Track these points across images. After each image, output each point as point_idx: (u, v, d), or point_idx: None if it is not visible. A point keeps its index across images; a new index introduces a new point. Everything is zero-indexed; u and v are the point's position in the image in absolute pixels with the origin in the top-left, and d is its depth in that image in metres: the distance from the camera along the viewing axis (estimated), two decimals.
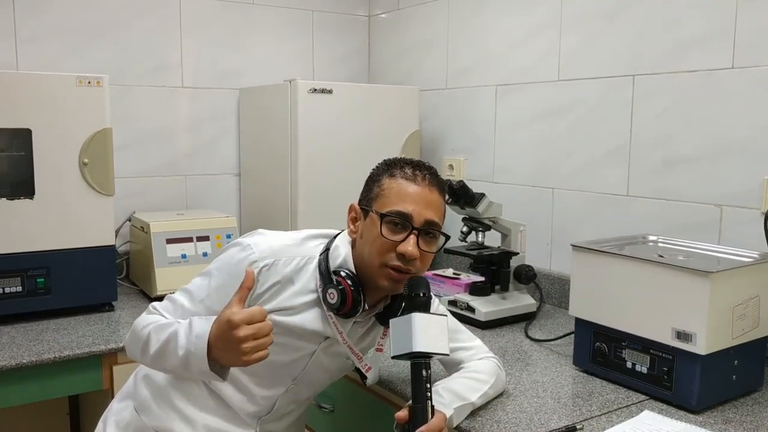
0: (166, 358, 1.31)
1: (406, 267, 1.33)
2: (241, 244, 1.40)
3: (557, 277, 2.30)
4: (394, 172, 1.38)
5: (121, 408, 1.50)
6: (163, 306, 1.43)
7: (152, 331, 1.35)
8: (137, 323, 1.41)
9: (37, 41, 2.42)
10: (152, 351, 1.33)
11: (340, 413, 1.86)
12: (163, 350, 1.31)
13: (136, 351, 1.39)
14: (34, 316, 2.07)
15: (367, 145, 2.51)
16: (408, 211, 1.33)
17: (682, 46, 1.93)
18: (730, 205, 1.84)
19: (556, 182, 2.33)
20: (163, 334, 1.33)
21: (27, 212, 2.01)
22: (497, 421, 1.40)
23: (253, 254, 1.36)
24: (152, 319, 1.39)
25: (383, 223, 1.33)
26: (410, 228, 1.33)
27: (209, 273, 1.42)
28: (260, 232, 1.44)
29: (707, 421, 1.42)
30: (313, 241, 1.44)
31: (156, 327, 1.35)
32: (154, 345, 1.33)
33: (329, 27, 3.07)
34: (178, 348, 1.28)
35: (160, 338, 1.32)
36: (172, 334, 1.30)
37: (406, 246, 1.32)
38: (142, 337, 1.36)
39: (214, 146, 2.82)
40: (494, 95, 2.55)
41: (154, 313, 1.42)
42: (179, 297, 1.42)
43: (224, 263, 1.41)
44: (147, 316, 1.41)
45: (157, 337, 1.33)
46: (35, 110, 2.00)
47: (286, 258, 1.39)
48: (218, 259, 1.44)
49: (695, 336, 1.43)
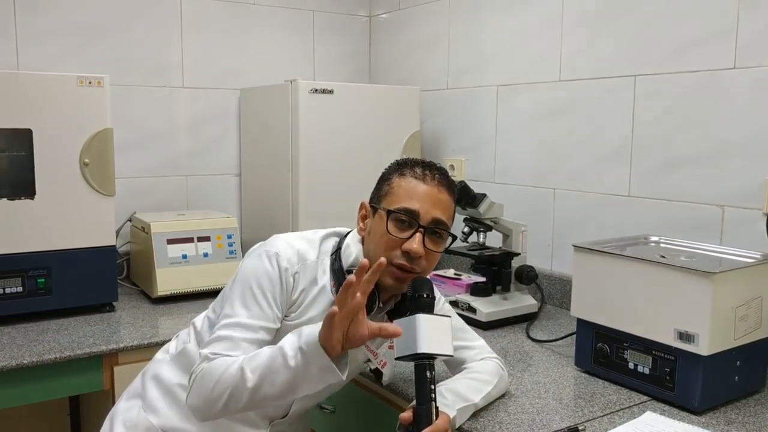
0: (271, 379, 1.21)
1: (410, 265, 1.33)
2: (265, 254, 1.37)
3: (558, 278, 2.30)
4: (404, 171, 1.39)
5: (129, 407, 1.50)
6: (223, 348, 1.30)
7: (243, 365, 1.23)
8: (206, 375, 1.26)
9: (38, 41, 2.42)
10: (251, 384, 1.22)
11: (342, 414, 1.85)
12: (266, 374, 1.21)
13: (219, 401, 1.24)
14: (35, 316, 2.07)
15: (367, 146, 2.50)
16: (415, 208, 1.33)
17: (684, 46, 1.93)
18: (732, 205, 1.84)
19: (557, 182, 2.33)
20: (257, 362, 1.23)
21: (27, 212, 2.01)
22: (499, 422, 1.40)
23: (283, 262, 1.35)
24: (224, 363, 1.26)
25: (390, 219, 1.34)
26: (417, 226, 1.33)
27: (252, 296, 1.34)
28: (277, 237, 1.42)
29: (709, 422, 1.42)
30: (329, 241, 1.45)
31: (245, 360, 1.24)
32: (251, 377, 1.22)
33: (330, 27, 3.06)
34: (288, 360, 1.20)
35: (257, 366, 1.22)
36: (273, 353, 1.22)
37: (412, 243, 1.32)
38: (228, 379, 1.23)
39: (215, 146, 2.82)
40: (495, 95, 2.54)
41: (216, 358, 1.28)
42: (234, 333, 1.31)
43: (260, 278, 1.34)
44: (213, 364, 1.27)
45: (252, 366, 1.23)
46: (36, 110, 1.99)
47: (311, 261, 1.39)
48: (249, 278, 1.35)
49: (697, 337, 1.43)
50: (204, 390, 1.26)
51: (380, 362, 1.45)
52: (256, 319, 1.33)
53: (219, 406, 1.25)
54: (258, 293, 1.34)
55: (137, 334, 1.96)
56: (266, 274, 1.35)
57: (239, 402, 1.24)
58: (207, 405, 1.26)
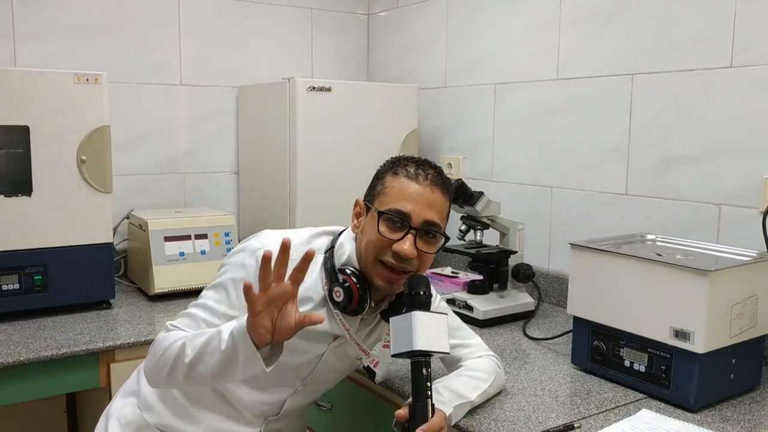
0: (205, 360, 1.24)
1: (400, 265, 1.32)
2: (248, 249, 1.37)
3: (555, 276, 2.30)
4: (397, 170, 1.37)
5: (124, 405, 1.50)
6: (183, 323, 1.36)
7: (186, 342, 1.27)
8: (158, 343, 1.33)
9: (35, 38, 2.42)
10: (188, 360, 1.25)
11: (338, 412, 1.86)
12: (202, 353, 1.24)
13: (163, 370, 1.30)
14: (32, 313, 2.06)
15: (365, 144, 2.50)
16: (407, 210, 1.32)
17: (681, 45, 1.93)
18: (728, 204, 1.84)
19: (554, 181, 2.33)
20: (198, 340, 1.26)
21: (25, 209, 2.01)
22: (495, 420, 1.40)
23: (259, 252, 1.33)
24: (175, 336, 1.32)
25: (381, 220, 1.33)
26: (408, 227, 1.33)
27: (223, 285, 1.36)
28: (265, 233, 1.41)
29: (705, 420, 1.43)
30: (319, 239, 1.44)
31: (189, 338, 1.28)
32: (190, 353, 1.26)
33: (328, 25, 3.06)
34: (221, 343, 1.21)
35: (197, 344, 1.26)
36: (212, 336, 1.25)
37: (402, 245, 1.31)
38: (172, 351, 1.28)
39: (213, 144, 2.81)
40: (493, 94, 2.55)
41: (173, 330, 1.35)
42: (198, 312, 1.36)
43: (235, 269, 1.36)
44: (167, 334, 1.34)
45: (193, 344, 1.26)
46: (33, 107, 1.99)
47: (295, 257, 1.38)
48: (227, 268, 1.38)
49: (693, 335, 1.43)
50: (154, 357, 1.33)
51: (372, 361, 1.45)
52: (220, 305, 1.35)
53: (163, 375, 1.31)
54: (229, 283, 1.36)
55: (134, 332, 1.96)
56: (242, 267, 1.35)
57: (178, 375, 1.29)
58: (154, 372, 1.34)
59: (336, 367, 1.48)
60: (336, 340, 1.42)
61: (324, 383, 1.51)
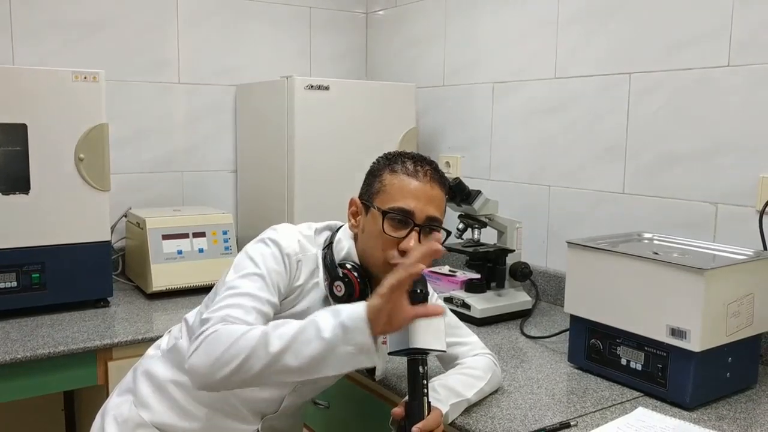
0: (297, 349, 1.14)
1: None
2: (269, 240, 1.36)
3: (553, 275, 2.30)
4: (395, 167, 1.38)
5: (120, 402, 1.50)
6: (239, 313, 1.24)
7: (268, 331, 1.17)
8: (218, 337, 1.18)
9: (33, 36, 2.41)
10: (274, 350, 1.14)
11: (335, 410, 1.86)
12: (292, 343, 1.14)
13: (230, 363, 1.16)
14: (29, 311, 2.06)
15: (363, 142, 2.50)
16: (410, 207, 1.33)
17: (679, 44, 1.93)
18: (725, 202, 1.85)
19: (552, 180, 2.34)
20: (284, 329, 1.17)
21: (22, 207, 2.01)
22: (491, 417, 1.41)
23: (287, 248, 1.35)
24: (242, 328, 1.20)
25: (385, 219, 1.34)
26: (412, 225, 1.33)
27: (261, 275, 1.30)
28: (277, 226, 1.41)
29: (701, 418, 1.43)
30: (322, 234, 1.46)
31: (270, 327, 1.19)
32: (276, 343, 1.15)
33: (327, 23, 3.06)
34: (321, 332, 1.13)
35: (284, 333, 1.16)
36: (304, 325, 1.16)
37: (408, 243, 1.32)
38: (248, 342, 1.16)
39: (211, 142, 2.81)
40: (491, 92, 2.55)
41: (235, 323, 1.22)
42: (244, 301, 1.26)
43: (267, 260, 1.33)
44: (228, 327, 1.20)
45: (278, 333, 1.16)
46: (31, 105, 1.99)
47: (312, 252, 1.40)
48: (255, 259, 1.33)
49: (689, 333, 1.44)
50: (214, 351, 1.17)
51: None
52: (263, 292, 1.29)
53: (226, 371, 1.16)
54: (263, 270, 1.31)
55: (132, 330, 1.97)
56: (270, 255, 1.34)
57: (251, 369, 1.16)
58: (213, 367, 1.17)
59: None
60: None
61: (322, 381, 1.51)
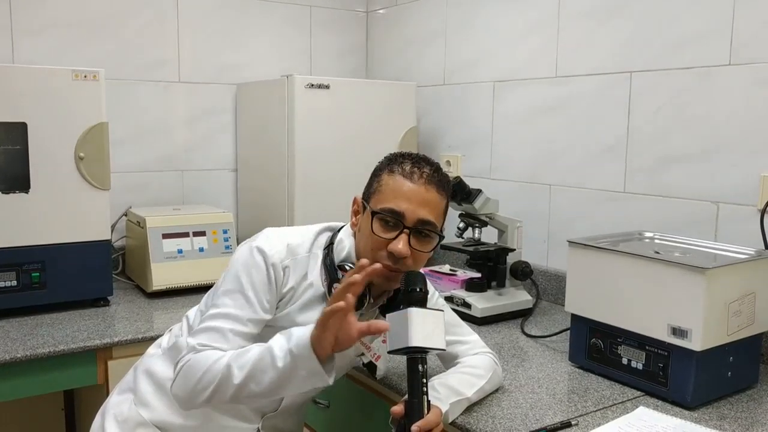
0: (258, 378, 1.22)
1: (395, 266, 1.33)
2: (256, 248, 1.36)
3: (554, 274, 2.30)
4: (393, 168, 1.37)
5: (120, 401, 1.50)
6: (211, 338, 1.30)
7: (231, 362, 1.24)
8: (192, 366, 1.27)
9: (33, 35, 2.41)
10: (237, 381, 1.23)
11: (335, 409, 1.86)
12: (253, 372, 1.23)
13: (203, 392, 1.26)
14: (29, 310, 2.06)
15: (364, 141, 2.50)
16: (401, 209, 1.32)
17: (679, 42, 1.93)
18: (726, 201, 1.84)
19: (553, 179, 2.33)
20: (245, 359, 1.24)
21: (22, 206, 2.01)
22: (492, 417, 1.40)
23: (273, 258, 1.34)
24: (212, 356, 1.27)
25: (375, 219, 1.33)
26: (402, 227, 1.32)
27: (241, 291, 1.33)
28: (268, 230, 1.41)
29: (702, 418, 1.42)
30: (323, 236, 1.45)
31: (232, 357, 1.25)
32: (238, 374, 1.23)
33: (327, 22, 3.06)
34: (276, 360, 1.21)
35: (244, 363, 1.23)
36: (262, 353, 1.23)
37: (396, 245, 1.31)
38: (215, 373, 1.24)
39: (211, 141, 2.81)
40: (492, 91, 2.54)
41: (204, 350, 1.29)
42: (221, 324, 1.31)
43: (249, 272, 1.34)
44: (199, 355, 1.28)
45: (239, 363, 1.24)
46: (31, 104, 1.99)
47: (302, 255, 1.39)
48: (239, 273, 1.35)
49: (691, 332, 1.43)
50: (189, 381, 1.27)
51: (374, 356, 1.45)
52: (243, 311, 1.33)
53: (203, 398, 1.27)
54: (246, 286, 1.34)
55: (132, 329, 1.96)
56: (255, 267, 1.34)
57: (224, 396, 1.26)
58: (191, 396, 1.28)
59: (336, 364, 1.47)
60: None
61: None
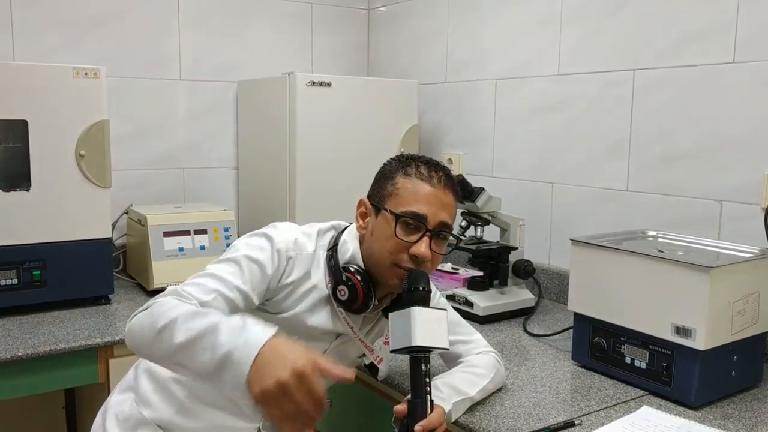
0: (194, 353, 1.08)
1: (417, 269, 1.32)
2: (261, 235, 1.35)
3: (556, 272, 2.29)
4: (409, 171, 1.36)
5: (121, 400, 1.49)
6: (194, 291, 1.23)
7: (181, 316, 1.12)
8: (159, 305, 1.17)
9: (34, 32, 2.40)
10: (177, 340, 1.09)
11: (337, 408, 1.84)
12: (193, 343, 1.08)
13: (148, 336, 1.15)
14: (30, 308, 2.06)
15: (365, 139, 2.49)
16: (423, 212, 1.32)
17: (683, 40, 1.92)
18: (729, 200, 1.83)
19: (555, 177, 2.32)
20: (196, 322, 1.10)
21: (23, 204, 2.00)
22: (495, 416, 1.40)
23: (279, 244, 1.33)
24: (179, 304, 1.17)
25: (398, 223, 1.32)
26: (424, 230, 1.32)
27: (237, 260, 1.29)
28: (275, 225, 1.40)
29: (706, 417, 1.42)
30: (327, 235, 1.44)
31: (187, 313, 1.13)
32: (182, 334, 1.10)
33: (328, 20, 3.05)
34: (216, 346, 1.05)
35: (191, 327, 1.09)
36: (211, 326, 1.08)
37: (419, 248, 1.31)
38: (164, 319, 1.13)
39: (212, 139, 2.80)
40: (494, 89, 2.53)
41: (182, 298, 1.21)
42: (209, 282, 1.25)
43: (251, 249, 1.31)
44: (171, 299, 1.19)
45: (187, 325, 1.10)
46: (31, 101, 1.98)
47: (307, 252, 1.38)
48: (239, 247, 1.32)
49: (694, 331, 1.42)
50: (147, 317, 1.18)
51: (377, 358, 1.45)
52: (234, 278, 1.27)
53: (146, 342, 1.16)
54: (243, 260, 1.30)
55: None
56: (258, 247, 1.32)
57: (158, 350, 1.14)
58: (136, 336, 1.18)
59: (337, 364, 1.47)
60: (338, 338, 1.43)
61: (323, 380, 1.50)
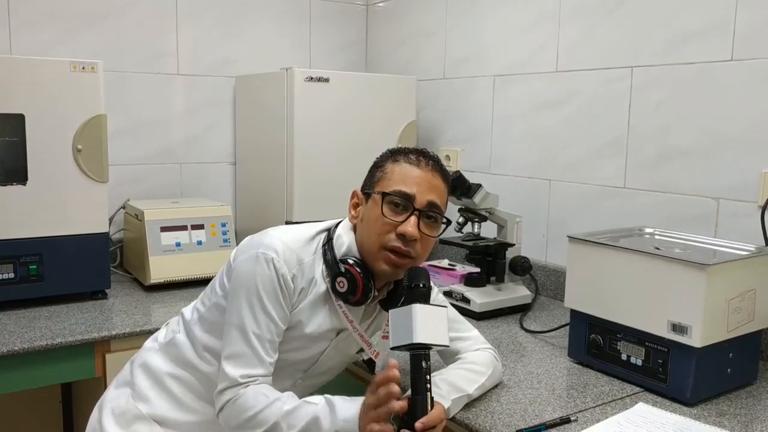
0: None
1: (405, 248, 1.32)
2: (263, 258, 1.33)
3: (553, 269, 2.30)
4: (398, 158, 1.39)
5: (117, 395, 1.49)
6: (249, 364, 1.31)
7: (281, 420, 1.25)
8: (243, 403, 1.28)
9: (31, 26, 2.39)
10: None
11: None
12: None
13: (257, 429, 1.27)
14: (27, 303, 2.05)
15: (363, 135, 2.49)
16: (411, 191, 1.33)
17: (681, 38, 1.92)
18: (726, 198, 1.84)
19: (553, 174, 2.33)
20: (295, 419, 1.24)
21: (20, 198, 1.99)
22: (491, 412, 1.40)
23: (282, 267, 1.32)
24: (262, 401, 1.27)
25: (384, 202, 1.33)
26: (411, 209, 1.32)
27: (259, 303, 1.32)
28: (272, 236, 1.37)
29: (701, 414, 1.43)
30: (321, 236, 1.44)
31: (284, 413, 1.25)
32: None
33: (327, 16, 3.04)
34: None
35: (293, 424, 1.24)
36: (311, 421, 1.23)
37: (407, 226, 1.32)
38: (265, 421, 1.26)
39: (210, 134, 2.80)
40: (492, 86, 2.53)
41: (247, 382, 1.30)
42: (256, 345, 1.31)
43: (263, 282, 1.32)
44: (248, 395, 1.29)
45: (289, 422, 1.24)
46: (29, 95, 1.97)
47: (307, 261, 1.38)
48: (247, 282, 1.33)
49: (690, 329, 1.43)
50: (239, 417, 1.28)
51: (373, 352, 1.45)
52: (266, 325, 1.32)
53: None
54: (265, 299, 1.32)
55: (129, 322, 1.96)
56: (268, 280, 1.32)
57: None
58: (241, 428, 1.29)
59: (336, 360, 1.49)
60: (339, 335, 1.43)
61: (323, 376, 1.52)
